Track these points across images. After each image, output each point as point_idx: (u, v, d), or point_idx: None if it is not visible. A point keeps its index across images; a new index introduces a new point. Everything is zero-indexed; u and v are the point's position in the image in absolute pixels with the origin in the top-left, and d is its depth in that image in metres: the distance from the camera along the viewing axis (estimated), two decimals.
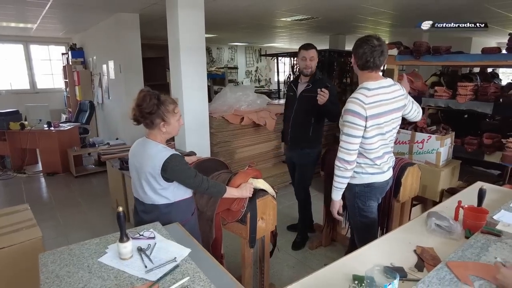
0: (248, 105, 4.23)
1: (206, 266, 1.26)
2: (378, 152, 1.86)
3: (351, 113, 1.74)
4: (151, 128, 1.65)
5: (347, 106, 1.77)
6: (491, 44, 7.86)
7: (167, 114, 1.63)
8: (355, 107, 1.74)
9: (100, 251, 1.34)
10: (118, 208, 1.26)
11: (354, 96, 1.77)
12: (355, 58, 1.80)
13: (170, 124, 1.66)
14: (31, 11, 4.68)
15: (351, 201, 2.03)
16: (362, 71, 1.82)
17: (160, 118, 1.62)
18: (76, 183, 4.80)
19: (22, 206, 2.37)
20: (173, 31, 3.42)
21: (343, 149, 1.81)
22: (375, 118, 1.76)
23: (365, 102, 1.74)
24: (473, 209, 1.59)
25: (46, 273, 1.19)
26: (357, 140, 1.78)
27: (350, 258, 1.41)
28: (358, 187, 1.95)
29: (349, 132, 1.77)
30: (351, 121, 1.75)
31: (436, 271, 1.16)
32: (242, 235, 1.97)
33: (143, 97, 1.58)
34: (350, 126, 1.76)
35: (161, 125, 1.64)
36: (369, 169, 1.90)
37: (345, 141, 1.79)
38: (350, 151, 1.79)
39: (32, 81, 8.05)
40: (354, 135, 1.76)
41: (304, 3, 4.39)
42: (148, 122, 1.62)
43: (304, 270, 2.67)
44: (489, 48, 2.97)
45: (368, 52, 1.73)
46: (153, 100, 1.58)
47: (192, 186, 1.71)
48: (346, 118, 1.76)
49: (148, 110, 1.58)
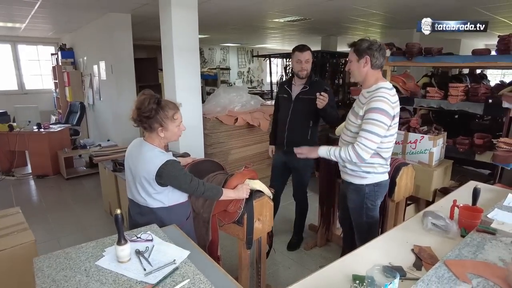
0: (242, 106, 4.23)
1: (205, 268, 1.25)
2: (390, 151, 1.92)
3: (382, 112, 1.75)
4: (150, 131, 1.62)
5: (377, 105, 1.76)
6: (479, 46, 8.00)
7: (165, 120, 1.59)
8: (386, 106, 1.76)
9: (97, 254, 1.31)
10: (116, 210, 1.24)
11: (381, 95, 1.79)
12: (371, 58, 1.83)
13: (168, 130, 1.63)
14: (20, 10, 4.59)
15: (359, 203, 2.03)
16: (374, 71, 1.87)
17: (158, 124, 1.58)
18: (67, 186, 4.72)
19: (13, 210, 2.32)
20: (166, 31, 3.39)
21: (364, 146, 1.78)
22: (396, 117, 1.83)
23: (392, 101, 1.79)
24: (468, 208, 1.62)
25: (42, 277, 1.16)
26: (380, 140, 1.79)
27: (348, 258, 1.42)
28: (368, 187, 1.97)
29: (375, 130, 1.76)
30: (381, 120, 1.75)
31: (435, 270, 1.18)
32: (239, 237, 1.96)
33: (142, 100, 1.55)
34: (377, 124, 1.75)
35: (159, 130, 1.60)
36: (380, 169, 1.93)
37: (369, 139, 1.77)
38: (370, 149, 1.79)
39: (20, 82, 7.89)
40: (380, 134, 1.77)
41: (296, 4, 4.41)
42: (146, 126, 1.59)
43: (300, 270, 2.68)
44: (479, 50, 3.03)
45: (383, 52, 1.84)
46: (151, 104, 1.54)
47: (188, 191, 1.68)
48: (375, 117, 1.75)
49: (146, 114, 1.55)
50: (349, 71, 1.96)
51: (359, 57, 1.85)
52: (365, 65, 1.85)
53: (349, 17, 5.36)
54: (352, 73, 1.94)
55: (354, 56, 1.88)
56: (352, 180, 2.02)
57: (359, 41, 1.86)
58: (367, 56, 1.83)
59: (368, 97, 1.86)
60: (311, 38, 8.18)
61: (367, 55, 1.83)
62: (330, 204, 2.89)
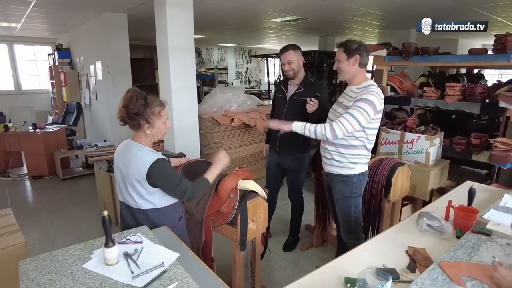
0: (238, 106, 4.20)
1: (195, 270, 1.23)
2: (373, 143, 2.07)
3: (370, 104, 1.87)
4: (137, 129, 1.60)
5: (368, 97, 1.88)
6: (476, 45, 8.00)
7: (152, 116, 1.58)
8: (375, 100, 1.89)
9: (85, 256, 1.29)
10: (103, 212, 1.22)
11: (374, 90, 1.92)
12: (360, 57, 1.96)
13: (154, 127, 1.61)
14: (14, 9, 4.56)
15: (347, 193, 2.11)
16: (361, 69, 2.01)
17: (145, 120, 1.57)
18: (63, 186, 4.69)
19: (4, 211, 2.29)
20: (162, 31, 3.37)
21: (342, 125, 1.88)
22: (380, 113, 1.96)
23: (381, 97, 1.93)
24: (464, 208, 1.59)
25: (26, 281, 1.13)
26: (359, 128, 1.91)
27: (343, 260, 1.40)
28: (355, 177, 2.07)
29: (357, 116, 1.87)
30: (366, 109, 1.87)
31: (429, 272, 1.15)
32: (233, 238, 1.94)
33: (130, 98, 1.54)
34: (362, 113, 1.87)
35: (146, 128, 1.59)
36: (364, 160, 2.06)
37: (349, 122, 1.88)
38: (346, 131, 1.90)
39: (16, 82, 7.85)
40: (360, 121, 1.88)
41: (293, 4, 4.39)
42: (135, 123, 1.57)
43: (296, 271, 2.65)
44: (476, 49, 3.01)
45: (368, 53, 2.00)
46: (140, 100, 1.54)
47: (175, 195, 1.64)
48: (362, 106, 1.87)
49: (135, 111, 1.53)
50: (338, 70, 2.06)
51: (348, 56, 1.97)
52: (354, 64, 1.98)
53: (346, 17, 5.34)
54: (342, 72, 2.04)
55: (343, 56, 1.99)
56: (340, 171, 2.09)
57: (348, 42, 1.99)
58: (357, 56, 1.96)
59: (358, 92, 1.96)
60: (308, 38, 8.16)
61: (357, 55, 1.95)
62: (326, 204, 2.86)
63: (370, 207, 2.41)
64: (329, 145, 2.07)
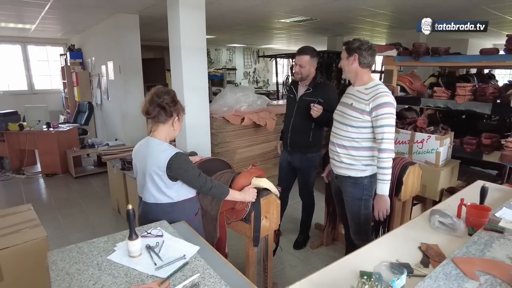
0: (248, 106, 4.25)
1: (214, 263, 1.28)
2: None
3: (391, 105, 1.89)
4: (164, 122, 1.67)
5: (386, 99, 1.88)
6: (487, 45, 7.94)
7: (181, 111, 1.71)
8: (392, 99, 1.90)
9: (108, 249, 1.34)
10: (128, 206, 1.27)
11: (385, 89, 1.92)
12: (359, 56, 1.94)
13: (179, 122, 1.72)
14: (30, 11, 4.67)
15: (358, 195, 2.10)
16: (364, 69, 1.98)
17: (177, 113, 1.68)
18: (75, 184, 4.79)
19: (25, 206, 2.37)
20: (174, 31, 3.43)
21: (390, 139, 1.89)
22: None
23: (391, 95, 1.93)
24: (476, 206, 1.62)
25: (56, 270, 1.19)
26: (394, 130, 1.93)
27: (355, 255, 1.42)
28: (366, 179, 2.06)
29: (392, 123, 1.89)
30: (392, 112, 1.89)
31: (442, 267, 1.18)
32: (246, 234, 1.98)
33: (167, 90, 1.66)
34: (391, 117, 1.88)
35: (175, 120, 1.68)
36: (375, 161, 2.01)
37: (390, 132, 1.89)
38: (392, 140, 1.92)
39: (30, 82, 8.02)
40: (393, 125, 1.91)
41: (303, 4, 4.42)
42: (167, 113, 1.64)
43: (306, 269, 2.69)
44: (488, 49, 3.01)
45: (372, 52, 1.96)
46: (175, 94, 1.69)
47: (196, 185, 1.71)
48: (388, 111, 1.87)
49: (175, 98, 1.66)
50: (340, 67, 2.09)
51: (348, 55, 1.98)
52: (353, 62, 1.97)
53: (356, 17, 5.36)
54: (343, 70, 2.06)
55: (344, 54, 2.01)
56: (350, 173, 2.08)
57: (352, 40, 1.98)
58: (355, 54, 1.95)
59: (369, 93, 1.95)
60: (317, 38, 8.18)
61: (355, 53, 1.95)
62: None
63: None
64: (339, 148, 2.07)
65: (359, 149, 2.01)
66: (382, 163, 1.91)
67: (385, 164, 1.91)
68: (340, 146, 2.06)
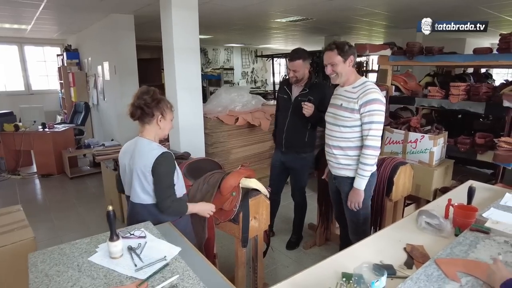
0: (242, 106, 4.24)
1: (196, 264, 1.27)
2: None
3: (379, 102, 1.88)
4: (149, 122, 1.66)
5: (374, 96, 1.88)
6: (484, 44, 7.91)
7: (166, 109, 1.68)
8: (381, 96, 1.90)
9: (90, 250, 1.34)
10: (108, 207, 1.27)
11: (373, 86, 1.93)
12: (353, 57, 1.97)
13: (165, 120, 1.70)
14: (25, 12, 4.66)
15: None
16: (353, 68, 2.02)
17: (160, 112, 1.66)
18: (71, 185, 4.78)
19: (14, 207, 2.36)
20: (167, 31, 3.42)
21: (376, 136, 1.90)
22: None
23: (379, 90, 1.93)
24: (463, 207, 1.61)
25: (35, 272, 1.19)
26: (382, 127, 1.93)
27: (341, 256, 1.42)
28: None
29: (380, 119, 1.89)
30: (381, 109, 1.89)
31: (424, 268, 1.17)
32: (235, 235, 1.97)
33: (147, 89, 1.65)
34: (380, 114, 1.88)
35: (159, 119, 1.66)
36: (375, 159, 2.01)
37: (377, 129, 1.90)
38: (380, 138, 1.93)
39: (26, 83, 8.01)
40: (382, 121, 1.90)
41: (298, 4, 4.41)
42: (149, 113, 1.63)
43: (299, 269, 2.62)
44: (481, 49, 3.00)
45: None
46: (156, 92, 1.67)
47: (159, 194, 1.61)
48: (376, 107, 1.87)
49: (156, 97, 1.64)
50: (332, 74, 1.99)
51: (345, 59, 1.94)
52: (350, 64, 1.97)
53: (351, 17, 5.34)
54: (340, 75, 1.98)
55: (338, 58, 1.94)
56: (348, 173, 2.07)
57: (340, 44, 1.95)
58: (351, 56, 1.96)
59: (357, 91, 1.95)
60: (314, 38, 8.17)
61: (351, 55, 1.95)
62: (329, 203, 2.88)
63: (372, 206, 2.41)
64: (335, 149, 2.06)
65: (355, 148, 2.00)
66: (365, 159, 1.93)
67: (367, 161, 1.92)
68: (336, 148, 2.05)
